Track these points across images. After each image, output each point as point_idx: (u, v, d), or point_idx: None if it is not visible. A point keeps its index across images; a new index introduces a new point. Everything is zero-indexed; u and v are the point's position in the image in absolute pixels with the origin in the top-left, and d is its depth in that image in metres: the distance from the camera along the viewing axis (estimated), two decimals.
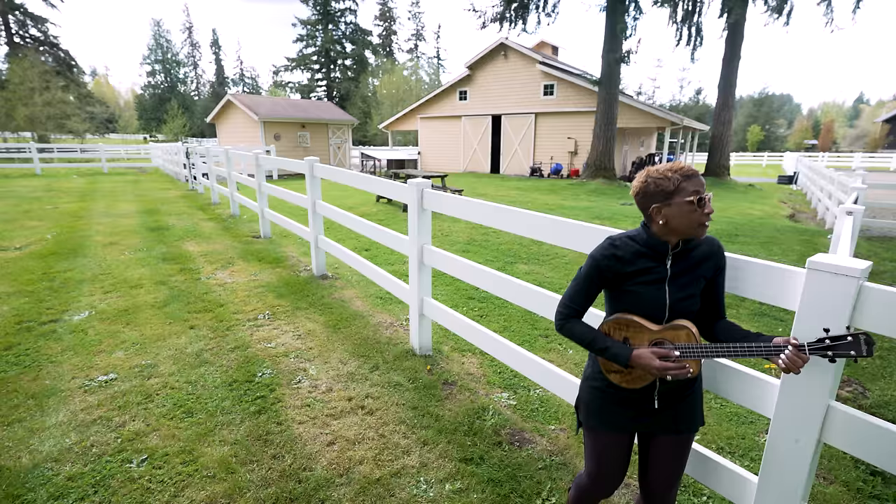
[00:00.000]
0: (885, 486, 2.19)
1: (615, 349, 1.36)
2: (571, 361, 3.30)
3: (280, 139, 18.99)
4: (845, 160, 33.24)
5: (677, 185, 1.30)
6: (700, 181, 1.30)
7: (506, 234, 7.13)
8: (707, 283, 1.40)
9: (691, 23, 17.35)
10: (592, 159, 15.85)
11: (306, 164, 4.82)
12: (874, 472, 2.27)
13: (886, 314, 1.19)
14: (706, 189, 1.31)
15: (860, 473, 2.27)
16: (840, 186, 8.82)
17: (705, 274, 1.38)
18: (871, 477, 2.25)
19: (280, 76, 61.26)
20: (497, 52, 19.37)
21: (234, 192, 8.49)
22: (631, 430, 1.48)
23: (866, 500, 2.11)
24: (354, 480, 2.14)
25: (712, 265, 1.39)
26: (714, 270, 1.40)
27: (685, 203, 1.28)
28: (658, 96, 65.79)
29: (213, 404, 2.71)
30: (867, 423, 1.26)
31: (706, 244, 1.39)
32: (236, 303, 4.32)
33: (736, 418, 2.67)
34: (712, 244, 1.40)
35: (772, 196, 15.30)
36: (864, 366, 3.39)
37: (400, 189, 3.29)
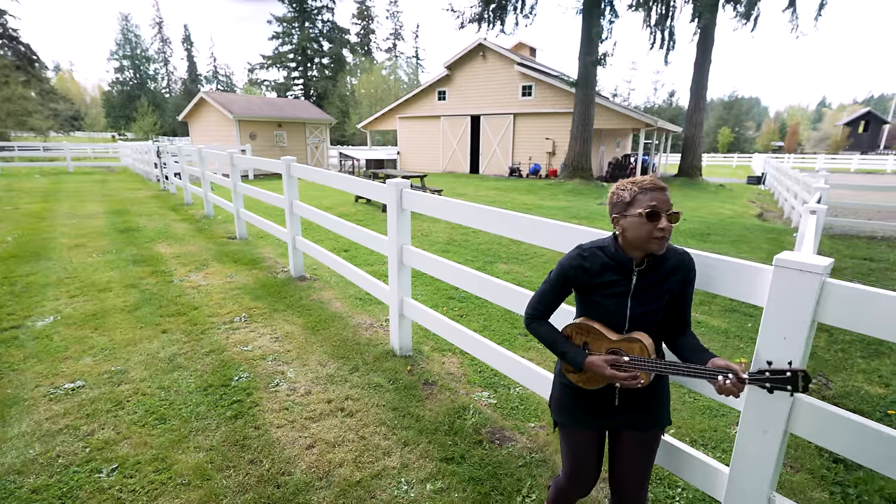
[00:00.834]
0: (846, 473, 2.29)
1: (571, 354, 1.41)
2: (551, 359, 3.34)
3: (256, 138, 18.62)
4: (809, 161, 34.64)
5: (633, 197, 1.32)
6: (659, 196, 1.29)
7: (485, 234, 7.17)
8: (675, 296, 1.41)
9: (664, 26, 17.78)
10: (570, 160, 16.08)
11: (283, 163, 4.74)
12: (837, 459, 2.37)
13: (846, 308, 1.25)
14: (669, 201, 1.31)
15: (824, 461, 2.37)
16: (805, 187, 9.19)
17: (672, 288, 1.38)
18: (834, 464, 2.35)
19: (255, 74, 60.09)
20: (476, 52, 19.46)
21: (208, 192, 8.29)
22: (598, 426, 1.52)
23: (830, 486, 2.21)
24: (334, 483, 2.12)
25: (679, 280, 1.39)
26: (681, 285, 1.40)
27: (637, 216, 1.30)
28: (633, 98, 67.25)
29: (188, 410, 2.64)
30: (830, 414, 1.32)
31: (675, 259, 1.38)
32: (211, 305, 4.21)
33: (708, 411, 2.75)
34: (681, 259, 1.39)
35: (741, 196, 15.82)
36: (827, 359, 3.54)
37: (379, 189, 3.27)
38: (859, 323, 1.23)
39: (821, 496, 2.14)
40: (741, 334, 3.88)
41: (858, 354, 3.62)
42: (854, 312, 1.24)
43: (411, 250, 3.05)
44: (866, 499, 2.13)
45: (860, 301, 1.22)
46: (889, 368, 3.39)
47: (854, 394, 3.04)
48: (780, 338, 1.34)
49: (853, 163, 32.49)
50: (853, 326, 1.25)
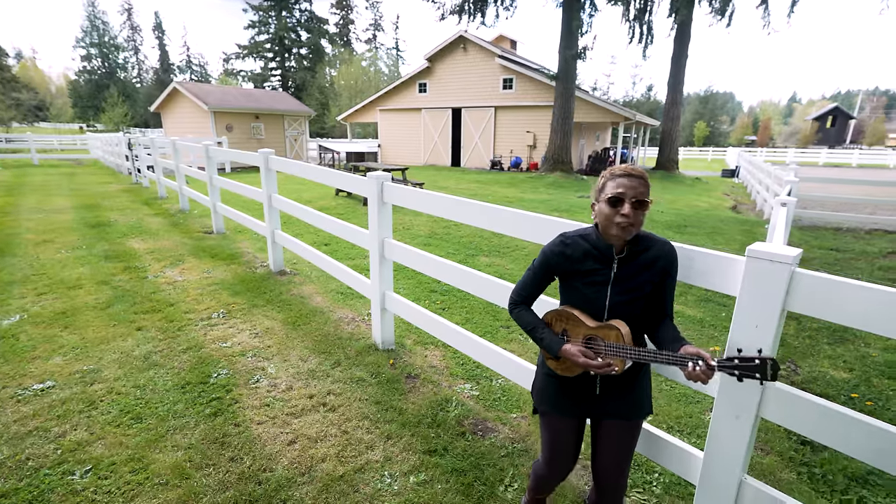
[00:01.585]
0: (813, 454, 2.39)
1: (548, 340, 1.45)
2: (532, 350, 3.38)
3: (232, 130, 18.18)
4: (780, 155, 35.68)
5: (603, 184, 1.36)
6: (626, 182, 1.30)
7: (467, 227, 7.18)
8: (654, 286, 1.41)
9: (643, 21, 18.01)
10: (551, 153, 16.20)
11: (261, 156, 4.64)
12: (804, 441, 2.48)
13: (814, 297, 1.29)
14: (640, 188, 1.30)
15: (792, 444, 2.47)
16: (776, 180, 9.47)
17: (652, 278, 1.39)
18: (802, 446, 2.45)
19: (231, 64, 58.59)
20: (456, 44, 19.35)
21: (182, 185, 8.07)
22: (579, 414, 1.54)
23: (797, 467, 2.30)
24: (317, 478, 2.11)
25: (659, 269, 1.39)
26: (661, 275, 1.40)
27: (604, 202, 1.33)
28: (612, 92, 67.95)
29: (165, 408, 2.58)
30: (798, 398, 1.37)
31: (657, 249, 1.39)
32: (188, 302, 4.12)
33: (684, 399, 2.83)
34: (663, 249, 1.40)
35: (716, 189, 16.22)
36: (795, 345, 3.67)
37: (359, 182, 3.24)
38: (826, 311, 1.28)
39: (789, 477, 2.23)
40: (716, 323, 3.99)
41: (825, 341, 3.77)
42: (821, 301, 1.28)
43: (393, 244, 3.03)
44: (830, 478, 2.23)
45: (827, 290, 1.27)
46: (853, 354, 3.55)
47: (820, 379, 3.17)
48: (752, 326, 1.39)
49: (821, 156, 33.63)
50: (820, 314, 1.29)
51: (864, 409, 2.81)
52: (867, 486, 2.19)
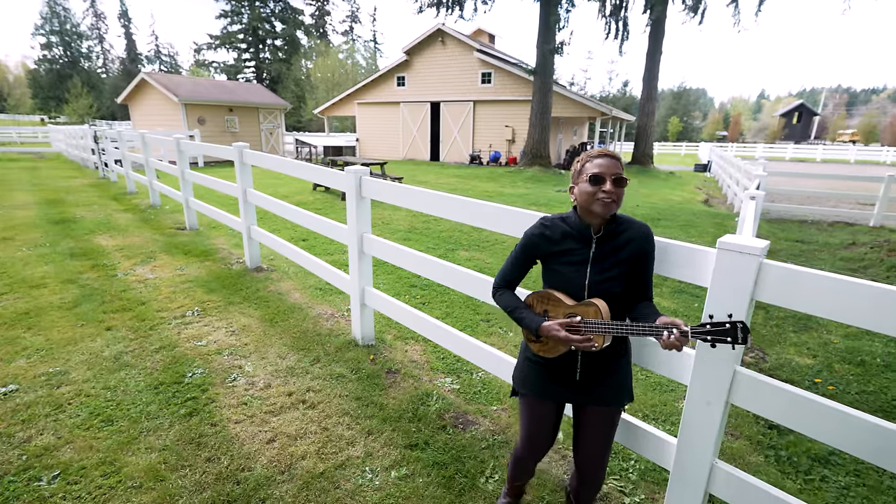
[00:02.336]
0: (779, 438, 2.49)
1: (528, 319, 1.48)
2: (511, 343, 3.42)
3: (205, 123, 17.66)
4: (750, 150, 36.84)
5: (583, 165, 1.42)
6: (605, 162, 1.37)
7: (447, 222, 7.18)
8: (632, 267, 1.45)
9: (619, 17, 18.23)
10: (529, 147, 16.31)
11: (235, 150, 4.53)
12: (771, 426, 2.58)
13: (781, 287, 1.34)
14: (617, 167, 1.36)
15: (760, 428, 2.57)
16: (745, 174, 9.77)
17: (629, 258, 1.43)
18: (769, 430, 2.55)
19: (202, 55, 56.75)
20: (435, 37, 19.22)
21: (153, 180, 7.81)
22: (558, 399, 1.57)
23: (765, 450, 2.40)
24: (297, 476, 2.09)
25: (636, 249, 1.43)
26: (638, 254, 1.44)
27: (585, 182, 1.39)
28: (589, 87, 68.78)
29: (137, 410, 2.51)
30: (766, 384, 1.42)
31: (634, 229, 1.44)
32: (160, 300, 4.00)
33: (659, 387, 2.91)
34: (640, 230, 1.45)
35: (689, 183, 16.64)
36: (763, 334, 3.82)
37: (337, 177, 3.19)
38: (791, 300, 1.33)
39: (757, 460, 2.32)
40: (689, 314, 4.10)
41: (791, 329, 3.93)
42: (787, 291, 1.33)
43: (372, 239, 3.01)
44: (795, 459, 2.33)
45: (792, 280, 1.32)
46: (816, 341, 3.71)
47: (786, 365, 3.30)
48: (724, 316, 1.43)
49: (788, 151, 34.86)
50: (786, 303, 1.35)
51: (827, 393, 2.95)
52: (829, 466, 2.30)
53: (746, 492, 1.52)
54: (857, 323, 1.23)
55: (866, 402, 2.85)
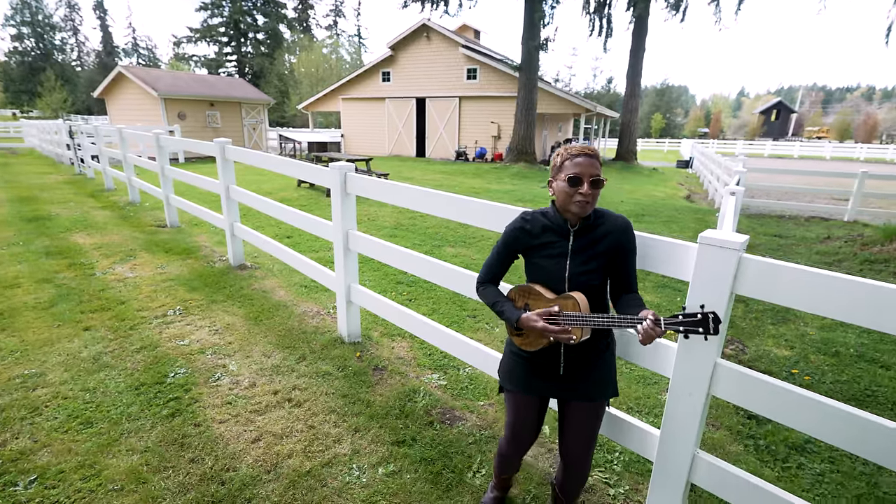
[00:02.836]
0: (758, 427, 2.56)
1: (508, 312, 1.50)
2: (498, 339, 3.43)
3: (185, 118, 17.29)
4: (730, 147, 37.55)
5: (562, 162, 1.42)
6: (583, 162, 1.37)
7: (432, 218, 7.17)
8: (610, 259, 1.46)
9: (602, 14, 18.37)
10: (515, 143, 16.37)
11: (217, 146, 4.45)
12: (750, 416, 2.65)
13: (759, 280, 1.37)
14: (595, 167, 1.37)
15: (740, 418, 2.63)
16: (726, 170, 9.96)
17: (607, 250, 1.44)
18: (748, 420, 2.62)
19: (182, 48, 55.48)
20: (420, 33, 19.11)
21: (131, 176, 7.62)
22: (542, 394, 1.59)
23: (744, 440, 2.46)
24: (283, 475, 2.07)
25: (613, 241, 1.44)
26: (616, 247, 1.45)
27: (563, 181, 1.39)
28: (574, 84, 69.28)
29: (118, 411, 2.46)
30: (745, 376, 1.46)
31: (611, 223, 1.46)
32: (141, 299, 3.92)
33: (643, 380, 2.96)
34: (617, 223, 1.46)
35: (672, 179, 16.90)
36: (743, 326, 3.91)
37: (322, 173, 3.16)
38: (769, 293, 1.36)
39: (737, 449, 2.38)
40: (672, 308, 4.18)
41: (769, 322, 4.03)
42: (765, 284, 1.37)
43: (357, 235, 2.99)
44: (773, 448, 2.40)
45: (771, 274, 1.35)
46: (793, 333, 3.81)
47: (765, 357, 3.38)
48: (697, 307, 1.46)
49: (767, 148, 35.65)
50: (765, 296, 1.38)
51: (803, 383, 3.03)
52: (805, 454, 2.37)
53: (727, 481, 1.56)
54: (832, 315, 1.27)
55: (840, 392, 2.95)
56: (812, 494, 2.11)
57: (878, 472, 2.25)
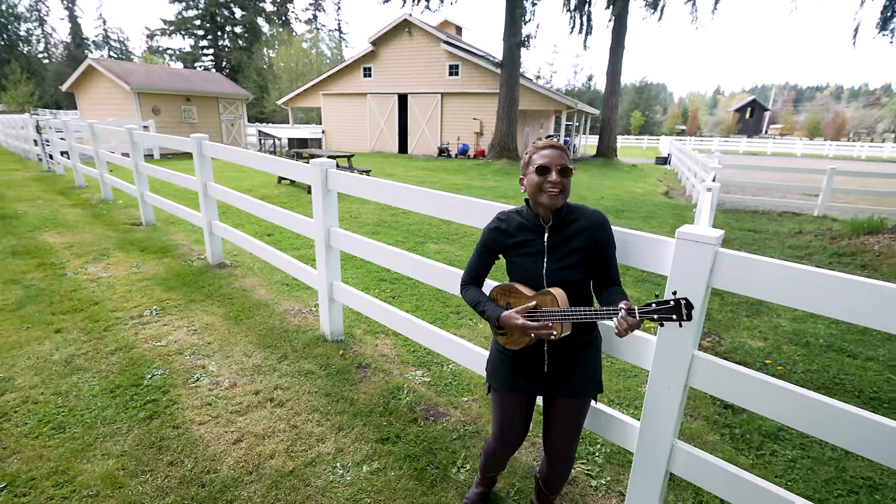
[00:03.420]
0: (734, 416, 2.63)
1: (490, 311, 1.50)
2: (482, 335, 3.45)
3: (160, 113, 16.83)
4: (707, 144, 38.38)
5: (531, 157, 1.45)
6: (550, 153, 1.40)
7: (415, 215, 7.15)
8: (589, 254, 1.46)
9: (583, 11, 18.53)
10: (497, 140, 16.41)
11: (193, 141, 4.34)
12: (726, 406, 2.72)
13: (734, 274, 1.41)
14: (562, 158, 1.39)
15: (716, 409, 2.71)
16: (703, 167, 10.19)
17: (583, 246, 1.45)
18: (724, 410, 2.69)
19: (156, 41, 53.86)
20: (401, 28, 18.97)
21: (104, 173, 7.39)
22: (528, 392, 1.60)
23: (720, 429, 2.53)
24: (265, 475, 2.04)
25: (590, 237, 1.45)
26: (593, 243, 1.45)
27: (533, 173, 1.42)
28: (555, 81, 69.68)
29: (92, 415, 2.39)
30: (721, 367, 1.49)
31: (586, 218, 1.46)
32: (115, 299, 3.81)
33: (624, 373, 3.01)
34: (592, 218, 1.46)
35: (651, 175, 17.19)
36: (719, 319, 4.01)
37: (302, 169, 3.11)
38: (744, 286, 1.40)
39: (714, 438, 2.44)
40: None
41: (744, 314, 4.15)
42: (740, 277, 1.40)
43: (339, 233, 2.96)
44: (748, 436, 2.47)
45: (744, 267, 1.38)
46: (767, 325, 3.93)
47: (740, 348, 3.48)
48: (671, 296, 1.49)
49: (742, 145, 36.57)
50: (739, 289, 1.41)
51: (776, 373, 3.13)
52: (778, 441, 2.45)
53: (704, 469, 1.60)
54: (802, 307, 1.31)
55: (811, 381, 3.05)
56: (784, 480, 2.19)
57: (846, 458, 2.34)
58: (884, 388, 2.97)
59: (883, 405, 2.80)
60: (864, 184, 13.01)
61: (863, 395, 2.91)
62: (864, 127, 64.46)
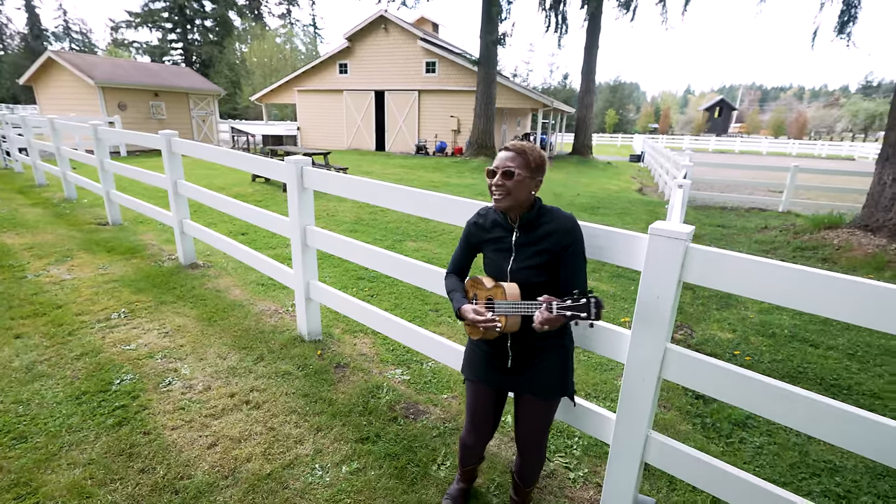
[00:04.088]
0: (705, 406, 2.72)
1: (455, 302, 1.58)
2: (460, 332, 3.46)
3: (126, 109, 16.21)
4: (678, 142, 39.43)
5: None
6: (501, 155, 1.44)
7: (394, 213, 7.11)
8: (554, 257, 1.46)
9: (558, 11, 18.70)
10: (474, 137, 16.46)
11: (162, 138, 4.20)
12: (698, 396, 2.81)
13: (704, 268, 1.45)
14: (508, 160, 1.42)
15: (688, 399, 2.79)
16: (674, 164, 10.45)
17: (550, 248, 1.45)
18: (696, 400, 2.78)
19: (121, 34, 51.76)
20: (377, 24, 18.79)
21: (66, 170, 7.08)
22: (497, 386, 1.63)
23: (692, 419, 2.61)
24: (242, 479, 2.00)
25: (556, 241, 1.45)
26: (559, 247, 1.45)
27: (486, 175, 1.48)
28: (532, 79, 70.31)
29: (56, 423, 2.29)
30: (693, 359, 1.54)
31: (555, 222, 1.47)
32: (80, 302, 3.66)
33: (600, 367, 3.07)
34: (561, 222, 1.46)
35: (625, 172, 17.55)
36: (691, 312, 4.13)
37: (277, 167, 3.05)
38: (714, 280, 1.44)
39: (686, 428, 2.52)
40: (626, 296, 4.35)
41: (714, 307, 4.28)
42: (710, 271, 1.44)
43: (316, 231, 2.91)
44: (718, 424, 2.56)
45: (714, 262, 1.43)
46: (735, 317, 4.07)
47: (711, 340, 3.60)
48: (654, 297, 1.53)
49: (711, 143, 37.67)
50: (710, 283, 1.46)
51: (744, 363, 3.25)
52: (746, 429, 2.54)
53: (677, 458, 1.65)
54: (770, 299, 1.36)
55: (777, 370, 3.18)
56: (752, 466, 2.27)
57: (808, 442, 2.45)
58: (843, 375, 3.12)
59: (842, 391, 2.94)
60: (824, 181, 13.60)
61: (824, 382, 3.05)
62: (825, 126, 67.39)
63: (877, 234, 6.05)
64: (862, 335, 3.73)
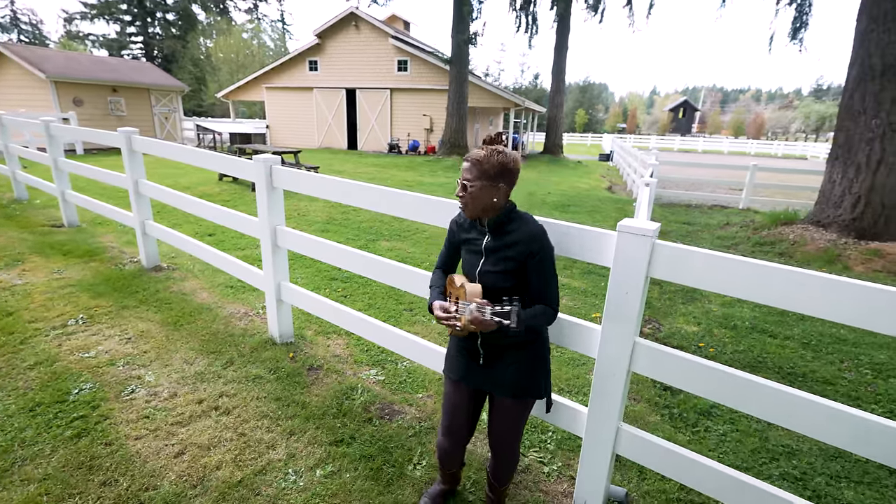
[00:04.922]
0: (672, 397, 2.81)
1: (430, 297, 1.67)
2: (435, 331, 3.46)
3: (83, 105, 15.45)
4: (645, 141, 40.57)
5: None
6: (462, 167, 1.48)
7: (366, 212, 7.04)
8: (520, 264, 1.47)
9: (528, 11, 18.94)
10: (447, 136, 16.48)
11: (121, 135, 4.02)
12: (665, 388, 2.90)
13: (670, 264, 1.50)
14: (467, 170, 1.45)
15: (657, 391, 2.88)
16: (641, 163, 10.76)
17: (515, 256, 1.46)
18: (664, 392, 2.87)
19: (76, 26, 49.24)
20: (348, 21, 18.55)
21: (16, 170, 6.69)
22: (469, 382, 1.63)
23: (661, 410, 2.70)
24: (212, 488, 1.94)
25: (523, 249, 1.45)
26: (523, 255, 1.45)
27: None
28: (503, 79, 70.94)
29: (7, 438, 2.16)
30: (661, 352, 1.59)
31: (523, 231, 1.47)
32: (33, 309, 3.47)
33: (573, 363, 3.13)
34: (527, 231, 1.46)
35: (595, 171, 17.94)
36: (658, 307, 4.26)
37: (245, 166, 2.97)
38: (679, 275, 1.49)
39: (655, 419, 2.60)
40: (597, 292, 4.45)
41: (680, 301, 4.43)
42: (675, 267, 1.49)
43: (286, 231, 2.85)
44: (685, 414, 2.65)
45: (679, 258, 1.48)
46: (700, 310, 4.22)
47: (677, 333, 3.72)
48: (623, 293, 1.57)
49: (676, 143, 38.97)
50: (676, 278, 1.51)
51: (708, 355, 3.38)
52: (711, 418, 2.64)
53: (646, 449, 1.70)
54: (732, 293, 1.41)
55: (739, 361, 3.32)
56: (717, 453, 2.37)
57: (768, 429, 2.57)
58: (798, 364, 3.29)
59: (798, 379, 3.10)
60: (781, 179, 14.28)
61: (782, 370, 3.20)
62: (780, 127, 70.80)
63: (828, 229, 6.40)
64: (815, 325, 3.94)
